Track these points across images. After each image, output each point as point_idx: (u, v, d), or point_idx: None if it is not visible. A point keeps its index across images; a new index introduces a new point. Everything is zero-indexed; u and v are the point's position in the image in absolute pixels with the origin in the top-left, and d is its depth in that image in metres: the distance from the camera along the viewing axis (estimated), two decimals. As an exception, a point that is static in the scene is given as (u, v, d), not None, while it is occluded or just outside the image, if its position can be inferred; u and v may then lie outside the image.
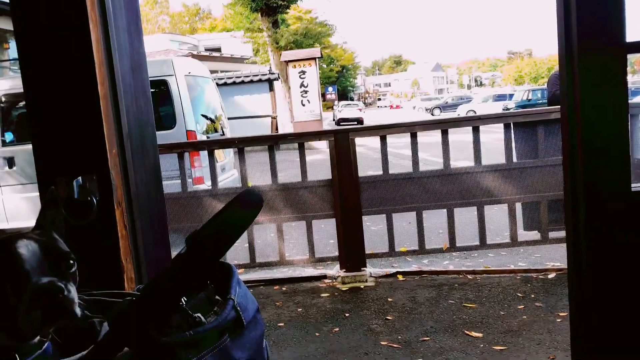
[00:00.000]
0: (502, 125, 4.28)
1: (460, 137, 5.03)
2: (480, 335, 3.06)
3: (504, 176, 4.17)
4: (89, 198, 1.08)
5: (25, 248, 0.77)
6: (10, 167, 5.99)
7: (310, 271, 4.45)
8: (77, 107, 1.10)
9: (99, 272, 1.07)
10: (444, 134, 4.22)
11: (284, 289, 4.14)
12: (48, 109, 1.12)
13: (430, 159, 7.95)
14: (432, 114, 37.76)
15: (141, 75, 1.40)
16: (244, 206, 0.79)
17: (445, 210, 4.24)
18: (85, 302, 0.97)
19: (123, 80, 1.23)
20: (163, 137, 4.98)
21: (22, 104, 6.53)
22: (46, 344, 0.87)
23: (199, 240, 0.76)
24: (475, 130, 4.18)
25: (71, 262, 0.81)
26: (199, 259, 0.73)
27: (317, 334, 3.25)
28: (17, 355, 0.81)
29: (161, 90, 6.00)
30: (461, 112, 30.40)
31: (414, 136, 4.22)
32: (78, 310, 0.78)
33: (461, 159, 4.84)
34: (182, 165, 4.41)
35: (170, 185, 4.08)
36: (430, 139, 5.61)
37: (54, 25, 1.12)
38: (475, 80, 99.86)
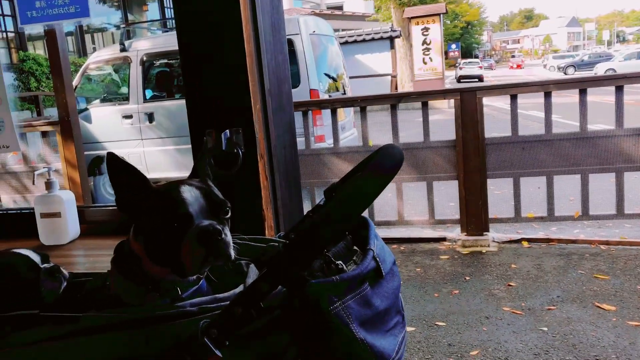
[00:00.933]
0: (650, 84, 3.89)
1: (597, 98, 4.64)
2: (613, 308, 2.88)
3: (650, 141, 3.80)
4: (235, 150, 1.15)
5: (189, 193, 0.85)
6: (151, 122, 6.49)
7: (429, 232, 4.42)
8: (226, 64, 1.17)
9: (243, 219, 1.15)
10: (582, 93, 3.91)
11: (402, 248, 4.16)
12: (200, 66, 1.20)
13: (561, 121, 7.42)
14: (565, 73, 35.07)
15: (280, 33, 1.44)
16: (382, 171, 0.77)
17: (578, 175, 3.98)
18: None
19: (264, 37, 1.28)
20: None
21: (160, 62, 7.02)
22: (202, 281, 0.96)
23: (344, 195, 0.77)
24: (619, 90, 3.84)
25: (227, 209, 0.88)
26: (343, 213, 0.74)
27: (436, 295, 3.24)
28: (178, 289, 0.91)
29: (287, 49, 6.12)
30: (599, 71, 27.91)
31: (547, 95, 3.97)
32: (233, 252, 0.84)
33: (597, 122, 4.47)
34: (306, 123, 4.52)
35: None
36: (561, 100, 5.22)
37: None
38: (617, 36, 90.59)
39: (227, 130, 1.15)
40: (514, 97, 4.05)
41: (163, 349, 0.75)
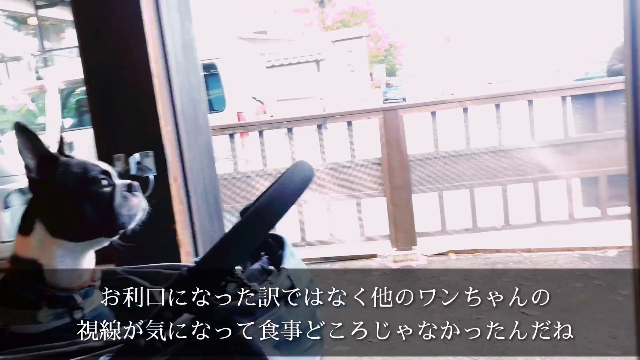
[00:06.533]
0: (558, 98, 4.13)
1: (513, 111, 4.89)
2: (536, 313, 2.99)
3: (561, 151, 4.03)
4: (145, 174, 1.11)
5: (96, 161, 0.91)
6: (71, 151, 6.21)
7: (360, 250, 4.45)
8: (132, 86, 1.13)
9: (158, 246, 1.10)
10: (497, 108, 4.10)
11: (334, 267, 4.17)
12: (106, 88, 1.15)
13: (481, 136, 7.75)
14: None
15: (192, 54, 1.41)
16: (295, 179, 0.79)
17: (499, 187, 4.15)
18: (146, 275, 1.01)
19: (175, 58, 1.26)
20: (213, 119, 5.04)
21: (77, 90, 6.76)
22: (102, 303, 0.92)
23: (250, 213, 0.77)
24: (530, 104, 4.06)
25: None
26: (250, 230, 0.74)
27: (369, 312, 3.25)
28: (75, 297, 0.88)
29: (211, 73, 6.07)
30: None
31: (465, 112, 4.13)
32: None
33: (514, 135, 4.70)
34: (233, 146, 4.48)
35: (222, 167, 4.14)
36: (481, 115, 5.46)
37: (109, 7, 1.15)
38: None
39: (136, 154, 1.11)
40: (433, 114, 4.19)
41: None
